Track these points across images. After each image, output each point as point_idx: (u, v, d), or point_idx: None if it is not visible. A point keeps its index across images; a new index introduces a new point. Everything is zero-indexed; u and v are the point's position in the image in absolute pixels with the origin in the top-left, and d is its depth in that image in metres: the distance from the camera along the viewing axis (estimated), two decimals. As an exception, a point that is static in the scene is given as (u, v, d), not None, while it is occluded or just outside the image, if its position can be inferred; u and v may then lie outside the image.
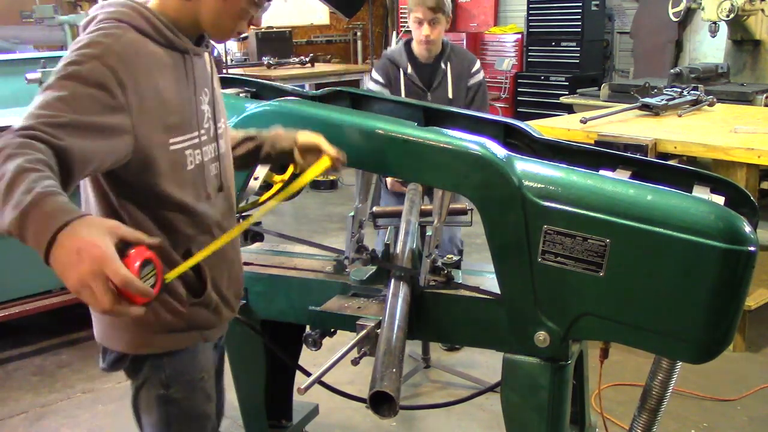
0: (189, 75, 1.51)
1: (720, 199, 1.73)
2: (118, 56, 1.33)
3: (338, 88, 2.32)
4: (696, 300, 1.50)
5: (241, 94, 2.50)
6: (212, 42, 1.66)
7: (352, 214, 2.09)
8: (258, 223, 2.74)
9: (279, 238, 2.46)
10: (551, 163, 1.71)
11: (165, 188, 1.45)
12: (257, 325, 2.22)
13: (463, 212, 2.27)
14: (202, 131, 1.54)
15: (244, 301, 2.19)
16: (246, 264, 2.25)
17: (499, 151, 1.71)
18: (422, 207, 2.27)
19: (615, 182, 1.62)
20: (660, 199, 1.54)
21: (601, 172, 1.77)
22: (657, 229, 1.50)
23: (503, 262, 1.70)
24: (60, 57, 1.36)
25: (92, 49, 1.33)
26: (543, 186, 1.62)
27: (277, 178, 2.09)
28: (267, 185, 2.18)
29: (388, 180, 3.32)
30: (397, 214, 2.28)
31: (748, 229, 1.48)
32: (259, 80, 2.55)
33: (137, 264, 1.06)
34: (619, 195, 1.57)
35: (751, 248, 1.46)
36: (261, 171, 2.12)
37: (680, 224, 1.49)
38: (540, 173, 1.65)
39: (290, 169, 2.01)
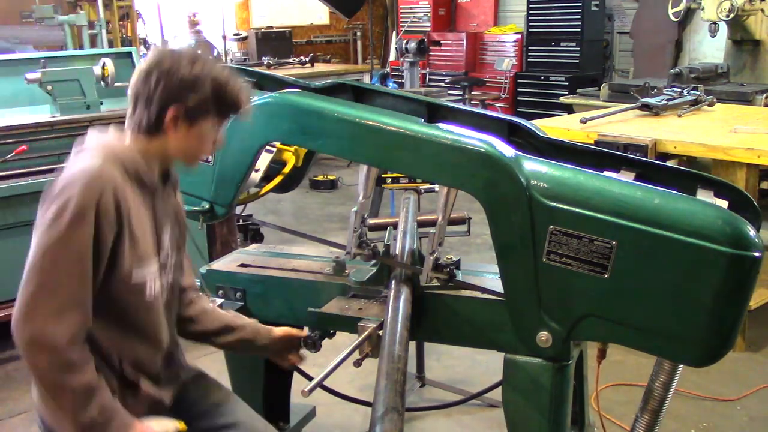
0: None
1: (723, 203, 1.72)
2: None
3: (341, 80, 2.28)
4: (700, 303, 1.49)
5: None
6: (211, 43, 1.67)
7: (355, 209, 2.06)
8: (249, 215, 2.71)
9: (277, 239, 2.45)
10: (558, 163, 1.70)
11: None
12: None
13: (461, 221, 2.25)
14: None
15: (242, 303, 2.18)
16: (244, 266, 2.25)
17: (506, 150, 1.69)
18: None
19: (622, 184, 1.61)
20: (667, 202, 1.53)
21: (605, 173, 1.76)
22: (664, 233, 1.49)
23: (508, 261, 1.69)
24: (60, 57, 1.34)
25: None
26: (550, 186, 1.61)
27: None
28: (267, 177, 2.17)
29: None
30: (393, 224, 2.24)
31: (754, 234, 1.48)
32: (260, 71, 2.50)
33: None
34: (626, 197, 1.56)
35: (757, 254, 1.46)
36: (262, 163, 2.10)
37: (687, 228, 1.48)
38: (547, 173, 1.64)
39: (291, 162, 1.99)
